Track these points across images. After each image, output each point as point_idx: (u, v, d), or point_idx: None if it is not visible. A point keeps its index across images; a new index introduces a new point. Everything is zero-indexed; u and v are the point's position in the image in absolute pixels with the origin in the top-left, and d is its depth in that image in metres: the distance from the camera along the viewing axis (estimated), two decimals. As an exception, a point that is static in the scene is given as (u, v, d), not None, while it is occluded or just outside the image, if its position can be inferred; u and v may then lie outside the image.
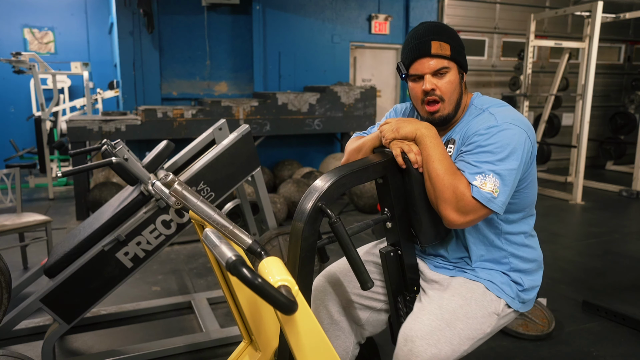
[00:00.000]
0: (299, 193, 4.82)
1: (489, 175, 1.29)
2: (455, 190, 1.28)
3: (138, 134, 4.76)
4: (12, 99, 7.56)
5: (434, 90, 1.40)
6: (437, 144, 1.34)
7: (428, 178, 1.33)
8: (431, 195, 1.33)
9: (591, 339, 2.58)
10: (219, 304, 2.98)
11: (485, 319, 1.39)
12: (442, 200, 1.29)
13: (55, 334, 2.16)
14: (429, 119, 1.44)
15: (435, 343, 1.28)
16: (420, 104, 1.45)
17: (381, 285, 1.60)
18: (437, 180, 1.30)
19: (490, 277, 1.45)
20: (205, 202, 1.21)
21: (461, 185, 1.29)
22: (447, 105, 1.42)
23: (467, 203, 1.28)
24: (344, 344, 1.58)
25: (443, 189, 1.29)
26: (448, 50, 1.38)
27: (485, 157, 1.32)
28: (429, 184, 1.33)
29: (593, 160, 8.11)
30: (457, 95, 1.42)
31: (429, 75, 1.39)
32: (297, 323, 1.00)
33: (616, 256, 3.89)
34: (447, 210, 1.29)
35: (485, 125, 1.36)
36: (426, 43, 1.37)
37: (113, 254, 2.20)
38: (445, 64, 1.38)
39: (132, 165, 2.22)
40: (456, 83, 1.41)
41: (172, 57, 5.80)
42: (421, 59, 1.39)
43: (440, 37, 1.38)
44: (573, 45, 6.51)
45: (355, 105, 5.58)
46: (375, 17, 6.49)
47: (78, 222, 4.76)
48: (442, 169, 1.30)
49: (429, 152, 1.33)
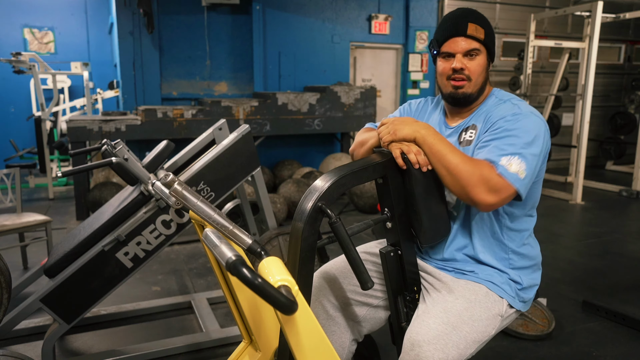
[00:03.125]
0: (299, 193, 4.82)
1: (514, 157, 1.31)
2: (482, 173, 1.29)
3: (138, 134, 4.76)
4: (12, 99, 7.56)
5: (463, 70, 1.45)
6: (440, 139, 1.35)
7: (447, 173, 1.31)
8: (456, 187, 1.31)
9: (591, 339, 2.58)
10: (219, 304, 2.98)
11: (490, 321, 1.39)
12: (472, 185, 1.28)
13: (55, 334, 2.16)
14: (452, 94, 1.49)
15: (442, 348, 1.28)
16: (446, 80, 1.49)
17: (378, 282, 1.61)
18: (458, 170, 1.29)
19: (489, 277, 1.46)
20: (205, 202, 1.21)
21: (485, 168, 1.30)
22: (472, 85, 1.47)
23: (496, 182, 1.28)
24: (339, 340, 1.59)
25: (468, 175, 1.29)
26: (482, 34, 1.44)
27: (511, 140, 1.34)
28: (449, 178, 1.31)
29: (593, 160, 8.11)
30: (483, 78, 1.48)
31: (460, 55, 1.45)
32: (297, 323, 1.00)
33: (616, 256, 3.89)
34: (480, 194, 1.28)
35: (511, 112, 1.40)
36: (463, 24, 1.43)
37: (113, 254, 2.20)
38: (477, 46, 1.44)
39: (132, 165, 2.21)
40: (484, 66, 1.47)
41: (172, 57, 5.80)
42: (456, 37, 1.44)
43: (477, 21, 1.45)
44: (573, 45, 6.51)
45: (355, 105, 5.58)
46: (375, 17, 6.49)
47: (78, 222, 4.76)
48: (457, 159, 1.31)
49: (438, 149, 1.33)
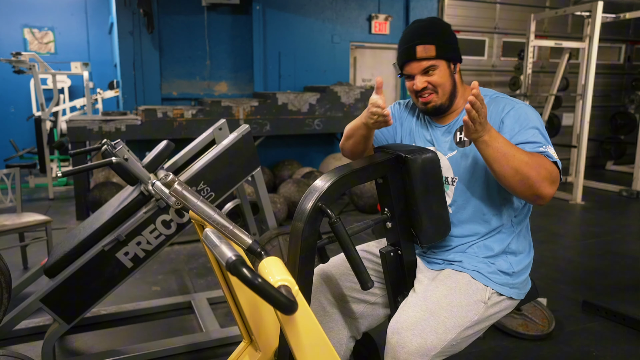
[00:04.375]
0: (299, 193, 4.81)
1: (547, 146, 1.38)
2: (546, 167, 1.32)
3: (138, 134, 4.76)
4: (12, 99, 7.56)
5: (426, 88, 1.51)
6: (504, 139, 1.33)
7: (514, 173, 1.29)
8: (522, 186, 1.31)
9: (591, 339, 2.58)
10: (219, 304, 2.98)
11: (470, 307, 1.41)
12: (541, 181, 1.30)
13: (55, 334, 2.16)
14: (423, 110, 1.57)
15: (420, 333, 1.31)
16: (415, 97, 1.56)
17: (376, 280, 1.62)
18: (528, 168, 1.30)
19: (476, 267, 1.48)
20: (205, 202, 1.21)
21: (545, 161, 1.34)
22: (440, 96, 1.52)
23: (555, 172, 1.34)
24: (337, 337, 1.60)
25: (537, 172, 1.30)
26: (433, 52, 1.47)
27: (533, 132, 1.40)
28: (516, 178, 1.30)
29: (593, 160, 8.11)
30: (450, 86, 1.52)
31: (419, 75, 1.51)
32: (297, 323, 1.00)
33: (616, 256, 3.89)
34: (546, 187, 1.31)
35: (510, 107, 1.46)
36: (412, 48, 1.49)
37: (113, 254, 2.20)
38: (432, 63, 1.49)
39: (132, 165, 2.21)
40: (447, 76, 1.51)
41: (172, 57, 5.80)
42: (410, 62, 1.51)
43: (424, 39, 1.47)
44: (573, 45, 6.51)
45: (355, 105, 5.58)
46: (375, 17, 6.49)
47: (78, 222, 4.76)
48: (522, 158, 1.30)
49: (507, 149, 1.30)
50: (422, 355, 1.30)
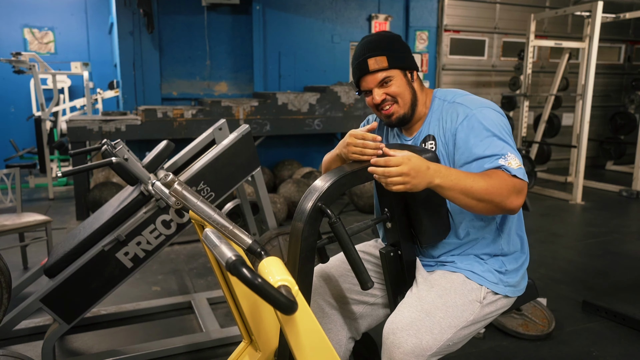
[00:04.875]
0: (299, 193, 4.81)
1: (507, 155, 1.34)
2: (506, 183, 1.30)
3: (138, 134, 4.76)
4: (12, 99, 7.56)
5: (385, 100, 1.50)
6: (455, 173, 1.30)
7: (478, 201, 1.28)
8: (489, 208, 1.30)
9: (591, 339, 2.58)
10: (219, 304, 2.98)
11: (466, 307, 1.41)
12: (505, 198, 1.29)
13: (55, 334, 2.16)
14: (388, 123, 1.56)
15: (415, 333, 1.31)
16: (378, 112, 1.55)
17: (375, 280, 1.62)
18: (489, 192, 1.27)
19: (470, 267, 1.48)
20: (205, 202, 1.21)
21: (503, 177, 1.31)
22: (402, 105, 1.50)
23: (516, 183, 1.31)
24: (336, 337, 1.60)
25: (499, 192, 1.28)
26: (385, 62, 1.46)
27: (490, 141, 1.36)
28: (482, 205, 1.29)
29: (593, 160, 8.11)
30: (409, 95, 1.51)
31: (376, 88, 1.49)
32: (297, 323, 1.00)
33: (616, 256, 3.89)
34: (513, 202, 1.30)
35: (464, 116, 1.42)
36: (364, 62, 1.48)
37: (113, 254, 2.20)
38: (386, 75, 1.47)
39: (132, 165, 2.21)
40: (404, 85, 1.50)
41: (172, 57, 5.80)
42: (364, 76, 1.49)
43: (375, 52, 1.47)
44: (573, 45, 6.51)
45: (355, 105, 5.58)
46: (375, 17, 6.49)
47: (78, 222, 4.76)
48: (482, 183, 1.27)
49: (463, 185, 1.27)
50: (418, 356, 1.30)
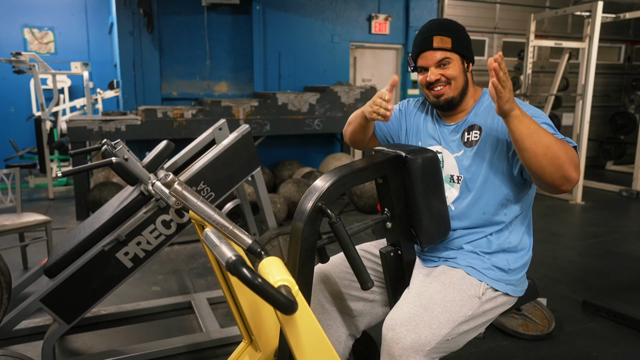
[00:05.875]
0: (299, 193, 4.81)
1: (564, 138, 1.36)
2: (572, 152, 1.30)
3: (138, 134, 4.76)
4: (12, 99, 7.56)
5: (439, 80, 1.52)
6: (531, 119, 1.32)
7: (545, 152, 1.26)
8: (551, 167, 1.27)
9: (591, 339, 2.58)
10: (219, 304, 2.98)
11: (464, 302, 1.41)
12: (568, 163, 1.27)
13: (55, 334, 2.16)
14: (435, 102, 1.57)
15: (414, 328, 1.31)
16: (427, 90, 1.57)
17: (375, 278, 1.62)
18: (556, 147, 1.27)
19: (470, 263, 1.49)
20: (205, 202, 1.21)
21: (568, 145, 1.31)
22: (453, 88, 1.53)
23: (577, 159, 1.31)
24: (335, 334, 1.60)
25: (566, 154, 1.28)
26: (449, 44, 1.50)
27: (547, 127, 1.37)
28: (546, 158, 1.26)
29: (593, 160, 8.11)
30: (462, 82, 1.54)
31: (433, 67, 1.52)
32: (297, 323, 1.00)
33: (616, 256, 3.89)
34: (573, 172, 1.28)
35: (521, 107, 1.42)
36: (429, 38, 1.51)
37: (113, 254, 2.20)
38: (448, 55, 1.51)
39: (132, 165, 2.21)
40: (460, 71, 1.53)
41: (172, 57, 5.80)
42: (425, 52, 1.52)
43: (442, 32, 1.50)
44: (573, 45, 6.51)
45: (355, 105, 5.58)
46: (375, 17, 6.49)
47: (78, 222, 4.76)
48: (552, 138, 1.28)
49: (535, 129, 1.28)
50: (417, 351, 1.30)
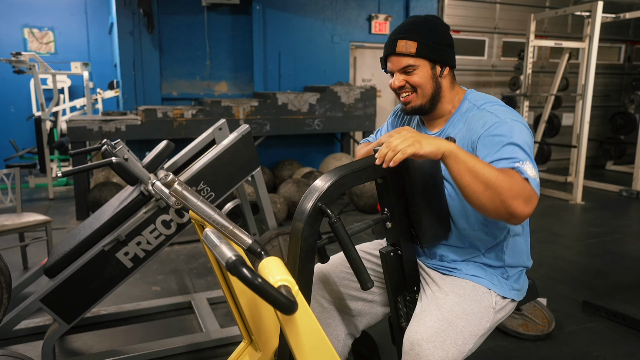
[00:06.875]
0: (299, 193, 4.81)
1: (525, 162, 1.26)
2: (518, 183, 1.21)
3: (138, 134, 4.76)
4: (12, 99, 7.56)
5: (404, 87, 1.45)
6: (469, 154, 1.26)
7: (485, 188, 1.20)
8: (494, 202, 1.20)
9: (591, 339, 2.58)
10: (219, 304, 2.98)
11: (482, 314, 1.39)
12: (513, 198, 1.20)
13: (55, 334, 2.16)
14: (404, 109, 1.51)
15: (441, 345, 1.28)
16: (397, 95, 1.51)
17: (374, 279, 1.62)
18: (498, 183, 1.19)
19: (473, 272, 1.47)
20: (205, 202, 1.21)
21: (517, 177, 1.23)
22: (420, 96, 1.45)
23: (528, 189, 1.22)
24: (334, 332, 1.60)
25: (509, 187, 1.20)
26: (413, 49, 1.39)
27: (511, 148, 1.28)
28: (487, 194, 1.20)
29: (593, 160, 8.11)
30: (431, 88, 1.44)
31: (397, 73, 1.45)
32: (297, 323, 1.00)
33: (616, 256, 3.89)
34: (520, 206, 1.19)
35: (491, 123, 1.34)
36: (393, 42, 1.42)
37: (113, 254, 2.20)
38: (411, 62, 1.41)
39: (132, 165, 2.21)
40: (427, 77, 1.43)
41: (172, 57, 5.80)
42: (390, 57, 1.45)
43: (408, 35, 1.40)
44: (573, 45, 6.51)
45: (355, 105, 5.58)
46: (375, 17, 6.49)
47: (78, 222, 4.76)
48: (494, 171, 1.21)
49: (473, 164, 1.22)
50: None
